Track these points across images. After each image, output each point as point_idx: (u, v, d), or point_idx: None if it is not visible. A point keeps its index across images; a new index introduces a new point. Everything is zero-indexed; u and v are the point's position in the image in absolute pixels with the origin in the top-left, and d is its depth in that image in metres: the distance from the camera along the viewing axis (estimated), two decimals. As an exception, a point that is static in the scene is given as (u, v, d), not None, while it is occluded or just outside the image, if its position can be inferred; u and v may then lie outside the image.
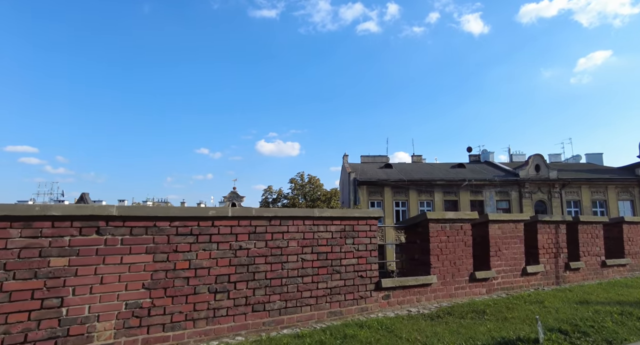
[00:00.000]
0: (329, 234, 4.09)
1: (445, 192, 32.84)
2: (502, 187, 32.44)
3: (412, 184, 32.69)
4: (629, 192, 32.34)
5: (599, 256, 6.92)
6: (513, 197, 32.40)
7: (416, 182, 32.66)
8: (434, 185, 32.57)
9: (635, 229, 7.58)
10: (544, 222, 6.18)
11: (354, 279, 4.19)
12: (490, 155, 38.92)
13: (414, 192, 32.81)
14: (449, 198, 32.75)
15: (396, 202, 33.01)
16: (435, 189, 32.68)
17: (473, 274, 5.19)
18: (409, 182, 32.47)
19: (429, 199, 32.79)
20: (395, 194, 32.97)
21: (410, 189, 32.77)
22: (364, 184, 32.89)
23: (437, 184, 32.50)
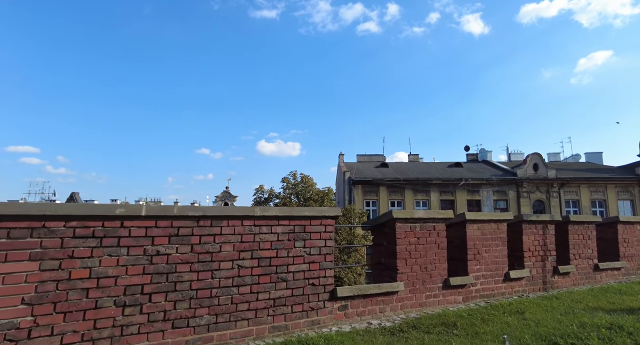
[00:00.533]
0: (274, 236, 3.57)
1: (442, 191, 32.31)
2: (499, 186, 31.90)
3: (408, 183, 32.16)
4: (629, 191, 31.79)
5: (591, 259, 6.40)
6: (511, 196, 31.85)
7: (412, 182, 32.13)
8: (430, 184, 32.04)
9: (631, 229, 7.06)
10: (529, 222, 5.65)
11: (304, 288, 3.66)
12: (488, 154, 38.37)
13: (410, 192, 32.29)
14: (446, 197, 32.22)
15: (392, 202, 32.50)
16: (432, 188, 32.15)
17: (447, 280, 4.66)
18: (405, 181, 31.94)
19: (425, 199, 32.27)
20: (391, 193, 32.46)
21: (406, 188, 32.25)
22: (359, 184, 32.37)
23: (433, 183, 31.96)
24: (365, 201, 32.57)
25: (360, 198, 32.50)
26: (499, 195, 31.92)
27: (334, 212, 3.94)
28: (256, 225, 3.47)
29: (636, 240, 7.07)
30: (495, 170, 34.62)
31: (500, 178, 31.88)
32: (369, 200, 32.60)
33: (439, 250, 4.68)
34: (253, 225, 3.46)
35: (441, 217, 4.73)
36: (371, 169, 35.57)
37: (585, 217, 6.53)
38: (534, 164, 32.27)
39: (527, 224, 5.63)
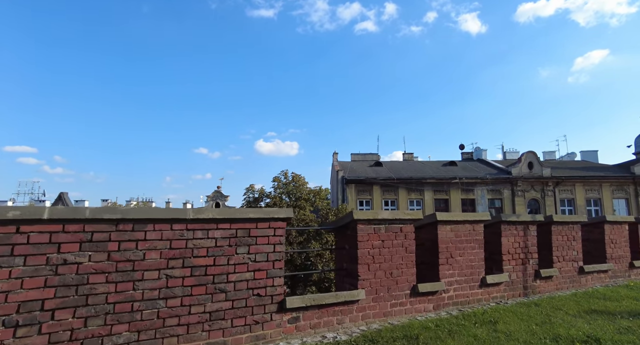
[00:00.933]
0: (211, 241, 3.19)
1: (436, 190, 32.02)
2: (494, 185, 31.63)
3: (402, 182, 31.85)
4: (624, 190, 31.60)
5: (575, 261, 6.06)
6: (505, 195, 31.59)
7: (406, 181, 31.82)
8: (424, 183, 31.73)
9: (618, 229, 6.73)
10: (508, 223, 5.30)
11: (248, 299, 3.29)
12: (482, 152, 38.10)
13: (404, 191, 31.99)
14: (440, 196, 31.93)
15: (385, 201, 32.19)
16: (426, 187, 31.85)
17: (416, 286, 4.30)
18: (398, 180, 31.63)
19: (419, 198, 31.97)
20: (384, 192, 32.14)
21: (399, 187, 31.95)
22: (352, 183, 32.03)
23: (427, 182, 31.66)
24: (358, 201, 32.26)
25: (353, 197, 32.17)
26: (493, 194, 31.66)
27: (285, 213, 3.56)
28: (189, 229, 3.09)
29: (624, 241, 6.74)
30: (490, 169, 34.36)
31: (494, 177, 31.61)
32: (363, 200, 32.28)
33: (406, 254, 4.31)
34: (185, 229, 3.08)
35: (409, 218, 4.36)
36: (365, 168, 35.26)
37: (569, 217, 6.19)
38: (528, 163, 32.02)
39: (506, 225, 5.28)
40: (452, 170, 33.98)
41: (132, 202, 40.27)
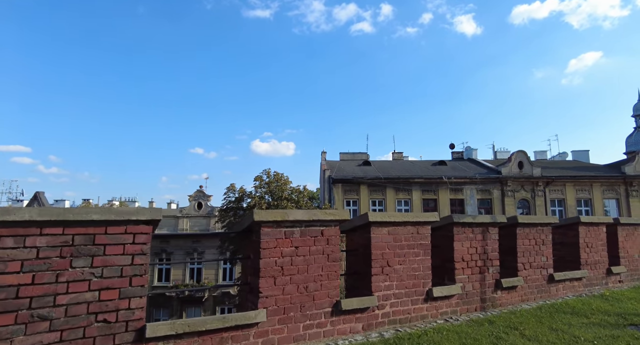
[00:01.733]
0: (30, 251, 2.41)
1: (424, 190, 31.38)
2: (483, 185, 31.04)
3: (390, 182, 31.18)
4: (615, 190, 31.15)
5: (544, 269, 5.34)
6: (495, 195, 31.01)
7: (393, 180, 31.15)
8: (412, 183, 31.07)
9: (595, 232, 6.03)
10: (463, 225, 4.56)
11: (88, 328, 2.50)
12: (473, 152, 37.52)
13: (392, 191, 31.32)
14: (428, 196, 31.29)
15: (373, 201, 31.51)
16: (414, 187, 31.19)
17: (339, 303, 3.54)
18: (386, 180, 30.96)
19: (407, 198, 31.32)
20: (372, 192, 31.45)
21: (387, 187, 31.28)
22: (339, 182, 31.31)
23: (415, 181, 31.00)
24: (345, 201, 31.53)
25: (340, 197, 31.44)
26: (482, 194, 31.08)
27: (149, 214, 2.78)
28: (-8, 236, 2.31)
29: (601, 244, 6.04)
30: (480, 168, 33.80)
31: (484, 176, 31.03)
32: (350, 200, 31.56)
33: (328, 262, 3.55)
34: (-14, 236, 2.29)
35: (332, 219, 3.59)
36: (353, 168, 34.57)
37: (538, 218, 5.46)
38: (518, 162, 31.46)
39: (459, 227, 4.53)
40: (442, 169, 33.37)
41: (113, 201, 39.27)
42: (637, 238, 6.58)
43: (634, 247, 6.50)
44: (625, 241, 6.40)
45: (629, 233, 6.49)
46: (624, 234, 6.40)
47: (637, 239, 6.57)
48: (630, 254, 6.44)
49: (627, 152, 33.60)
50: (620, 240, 6.35)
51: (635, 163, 31.03)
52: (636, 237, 6.57)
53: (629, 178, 30.59)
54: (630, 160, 31.82)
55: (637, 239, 6.58)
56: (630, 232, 6.50)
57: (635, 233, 6.56)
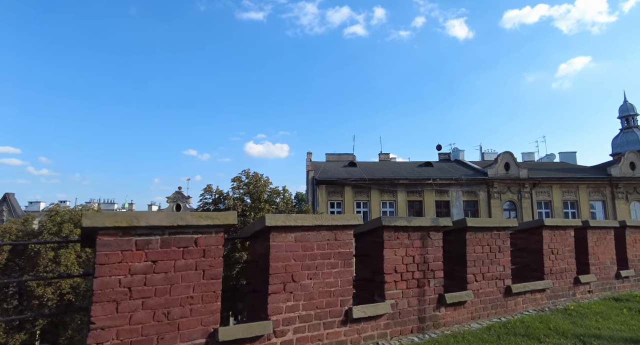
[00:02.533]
0: None
1: (409, 192, 30.81)
2: (469, 186, 30.56)
3: (374, 183, 30.54)
4: (601, 192, 30.90)
5: (501, 280, 4.63)
6: (481, 197, 30.54)
7: (378, 182, 30.52)
8: (397, 184, 30.47)
9: (561, 236, 5.34)
10: (396, 229, 3.81)
11: None
12: (460, 153, 37.12)
13: (376, 192, 30.71)
14: (413, 198, 30.73)
15: (357, 203, 30.85)
16: (399, 188, 30.60)
17: (216, 332, 2.77)
18: (370, 181, 30.32)
19: (392, 200, 30.73)
20: (356, 194, 30.79)
21: (372, 188, 30.64)
22: (323, 184, 30.61)
23: (400, 183, 30.41)
24: (329, 202, 30.81)
25: (324, 199, 30.71)
26: (468, 196, 30.60)
27: None
28: None
29: (568, 251, 5.36)
30: (466, 170, 33.36)
31: (470, 178, 30.55)
32: (334, 201, 30.85)
33: (204, 281, 2.77)
34: None
35: (209, 224, 2.81)
36: (338, 169, 33.90)
37: (493, 220, 4.77)
38: (505, 164, 31.06)
39: (392, 232, 3.78)
40: (428, 171, 32.84)
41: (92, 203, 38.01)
42: (609, 243, 5.92)
43: (605, 253, 5.84)
44: (595, 246, 5.74)
45: (600, 237, 5.83)
46: (594, 239, 5.74)
47: (609, 244, 5.92)
48: (601, 260, 5.78)
49: (613, 153, 33.47)
50: (590, 245, 5.68)
51: (620, 164, 30.84)
52: (608, 241, 5.92)
53: (615, 180, 30.36)
54: (616, 161, 31.63)
55: (609, 244, 5.92)
56: (601, 236, 5.84)
57: (607, 237, 5.91)
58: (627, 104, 33.39)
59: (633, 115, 32.93)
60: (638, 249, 6.28)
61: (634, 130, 32.45)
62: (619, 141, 33.01)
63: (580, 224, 5.61)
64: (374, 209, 30.39)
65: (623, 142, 32.54)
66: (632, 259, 6.18)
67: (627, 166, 30.81)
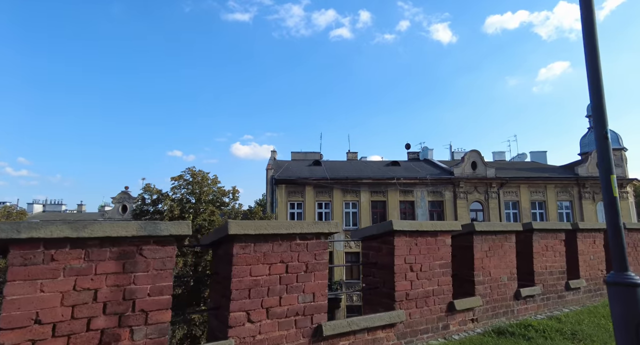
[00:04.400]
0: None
1: (373, 192, 29.43)
2: (434, 186, 29.38)
3: (337, 182, 29.01)
4: (568, 192, 30.17)
5: (306, 316, 3.01)
6: (447, 197, 29.41)
7: (340, 181, 29.02)
8: (360, 184, 29.05)
9: (427, 245, 3.74)
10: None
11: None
12: (429, 152, 36.01)
13: (339, 192, 29.20)
14: (377, 198, 29.37)
15: (319, 203, 29.29)
16: (362, 188, 29.19)
17: None
18: (333, 180, 28.77)
19: (355, 200, 29.28)
20: (318, 194, 29.21)
21: (335, 188, 29.12)
22: (282, 183, 28.93)
23: (363, 182, 29.00)
24: (289, 203, 29.14)
25: (283, 199, 29.01)
26: (434, 196, 29.43)
27: None
28: None
29: (440, 265, 3.76)
30: (434, 169, 32.22)
31: (435, 177, 29.38)
32: (294, 202, 29.21)
33: None
34: None
35: None
36: (302, 168, 32.25)
37: (279, 224, 3.13)
38: (472, 163, 30.03)
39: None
40: (394, 170, 31.54)
41: (35, 204, 35.19)
42: (507, 252, 4.42)
43: (500, 267, 4.33)
44: (485, 258, 4.22)
45: (495, 246, 4.32)
46: (484, 248, 4.22)
47: (507, 255, 4.42)
48: (493, 276, 4.26)
49: (582, 153, 32.87)
50: (477, 257, 4.16)
51: (587, 164, 30.22)
52: (506, 251, 4.42)
53: (582, 179, 29.70)
54: (583, 161, 31.01)
55: (507, 254, 4.42)
56: (495, 244, 4.33)
57: (504, 245, 4.41)
58: (595, 103, 32.88)
59: (601, 114, 32.40)
60: (549, 259, 4.81)
61: (602, 129, 31.89)
62: (586, 140, 32.41)
63: (459, 228, 4.06)
64: (336, 210, 28.88)
65: (591, 141, 31.91)
66: (541, 271, 4.70)
67: (594, 165, 30.17)
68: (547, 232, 4.77)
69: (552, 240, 4.83)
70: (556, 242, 4.91)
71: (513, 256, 4.47)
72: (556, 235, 4.92)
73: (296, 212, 29.00)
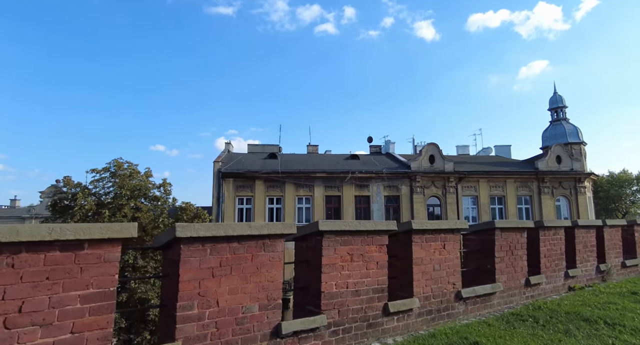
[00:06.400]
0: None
1: (327, 186, 27.97)
2: (390, 180, 28.18)
3: (289, 176, 27.40)
4: (528, 186, 29.51)
5: None
6: (403, 192, 28.26)
7: (293, 175, 27.41)
8: (314, 178, 27.53)
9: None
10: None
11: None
12: (391, 146, 34.78)
13: (292, 187, 27.59)
14: (331, 193, 27.93)
15: (270, 199, 27.62)
16: (316, 182, 27.67)
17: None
18: (284, 174, 27.14)
19: (309, 195, 27.76)
20: (269, 188, 27.51)
21: (287, 182, 27.50)
22: (230, 177, 27.12)
23: (317, 176, 27.49)
24: (238, 198, 27.35)
25: (230, 194, 27.20)
26: (390, 191, 28.24)
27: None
28: None
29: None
30: (394, 163, 31.05)
31: (391, 171, 28.17)
32: (243, 197, 27.43)
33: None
34: None
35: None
36: (255, 161, 30.43)
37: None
38: (429, 156, 28.94)
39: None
40: (352, 164, 30.13)
41: None
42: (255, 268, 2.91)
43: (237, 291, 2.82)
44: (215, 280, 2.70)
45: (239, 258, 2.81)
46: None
47: (253, 274, 2.90)
48: (221, 306, 2.74)
49: (543, 147, 32.37)
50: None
51: (547, 158, 29.64)
52: (250, 267, 2.91)
53: (541, 174, 29.08)
54: (544, 155, 30.48)
55: (251, 273, 2.90)
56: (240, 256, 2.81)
57: (246, 262, 2.89)
58: (557, 96, 32.32)
59: (562, 107, 31.90)
60: (354, 273, 3.35)
61: (562, 123, 31.40)
62: (548, 134, 31.88)
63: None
64: (288, 206, 27.32)
65: (552, 135, 31.41)
66: (337, 292, 3.22)
67: (554, 160, 29.67)
68: (352, 234, 3.30)
69: (364, 246, 3.36)
70: (371, 249, 3.44)
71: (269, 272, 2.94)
72: (371, 239, 3.45)
73: (245, 207, 27.28)
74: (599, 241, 6.76)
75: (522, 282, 5.18)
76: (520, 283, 5.15)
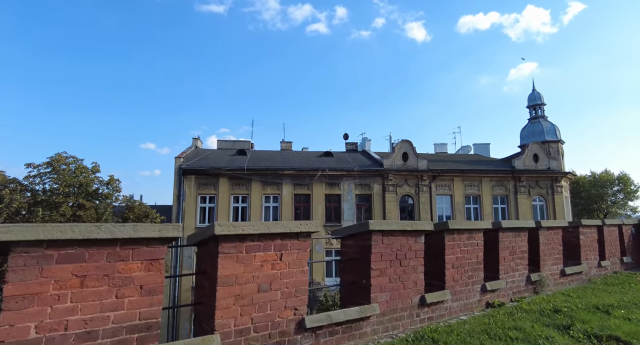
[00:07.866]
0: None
1: (297, 184, 26.73)
2: (362, 179, 27.09)
3: (255, 174, 26.09)
4: (504, 185, 28.71)
5: None
6: (375, 190, 27.20)
7: (260, 172, 26.11)
8: (282, 175, 26.25)
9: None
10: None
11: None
12: (367, 143, 33.72)
13: (259, 185, 26.26)
14: (300, 191, 26.69)
15: (235, 198, 26.25)
16: (285, 180, 26.41)
17: None
18: (250, 171, 25.82)
19: (277, 193, 26.47)
20: (234, 186, 26.14)
21: (254, 180, 26.18)
22: (192, 174, 25.69)
23: (285, 174, 26.23)
24: (200, 196, 25.90)
25: (192, 193, 25.77)
26: (362, 189, 27.13)
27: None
28: None
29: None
30: (368, 161, 29.99)
31: (363, 169, 27.08)
32: (206, 195, 26.00)
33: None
34: None
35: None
36: (223, 157, 29.05)
37: None
38: (403, 154, 27.97)
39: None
40: (324, 161, 28.97)
41: None
42: None
43: None
44: None
45: None
46: None
47: None
48: None
49: (521, 145, 31.67)
50: None
51: (524, 156, 28.90)
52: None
53: (518, 172, 28.32)
54: (521, 153, 29.77)
55: None
56: None
57: None
58: (535, 93, 31.62)
59: (540, 104, 31.22)
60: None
61: (540, 121, 30.71)
62: (526, 132, 31.17)
63: None
64: (255, 205, 26.00)
65: (530, 133, 30.71)
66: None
67: (531, 158, 28.96)
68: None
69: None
70: (132, 267, 2.23)
71: None
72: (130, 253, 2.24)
73: (208, 206, 25.88)
74: (532, 246, 5.70)
75: (414, 301, 4.04)
76: (411, 302, 4.01)
